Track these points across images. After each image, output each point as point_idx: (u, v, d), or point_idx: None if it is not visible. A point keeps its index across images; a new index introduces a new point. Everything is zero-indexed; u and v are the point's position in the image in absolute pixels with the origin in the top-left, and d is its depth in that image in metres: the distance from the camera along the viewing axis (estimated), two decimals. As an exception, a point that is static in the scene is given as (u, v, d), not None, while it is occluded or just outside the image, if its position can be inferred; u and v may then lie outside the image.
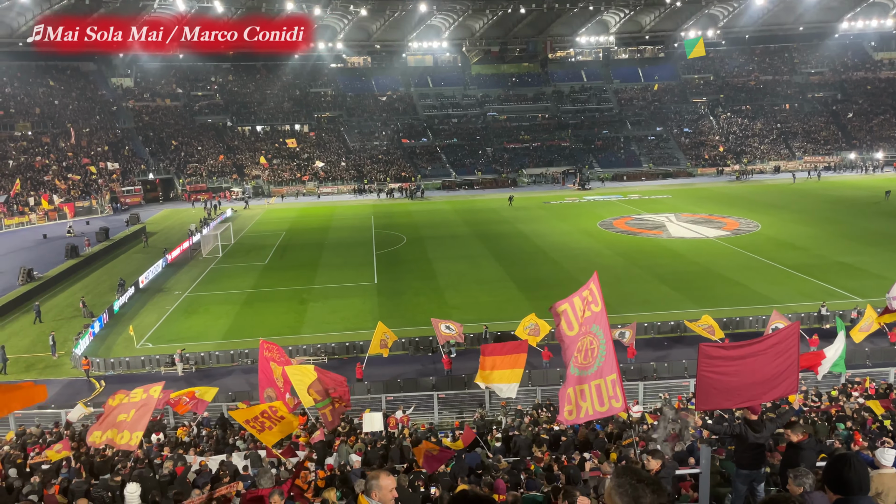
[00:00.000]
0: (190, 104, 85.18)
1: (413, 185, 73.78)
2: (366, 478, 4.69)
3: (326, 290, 35.60)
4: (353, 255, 43.56)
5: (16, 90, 75.99)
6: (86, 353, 26.96)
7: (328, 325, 30.17)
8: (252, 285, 37.23)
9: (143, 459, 14.54)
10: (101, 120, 77.61)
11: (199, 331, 30.31)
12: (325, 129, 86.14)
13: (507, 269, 37.98)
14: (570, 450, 15.05)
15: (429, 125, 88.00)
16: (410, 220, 56.00)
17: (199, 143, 79.64)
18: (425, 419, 21.13)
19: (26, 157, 67.04)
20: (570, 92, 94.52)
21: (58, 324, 31.53)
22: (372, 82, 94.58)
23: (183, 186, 73.55)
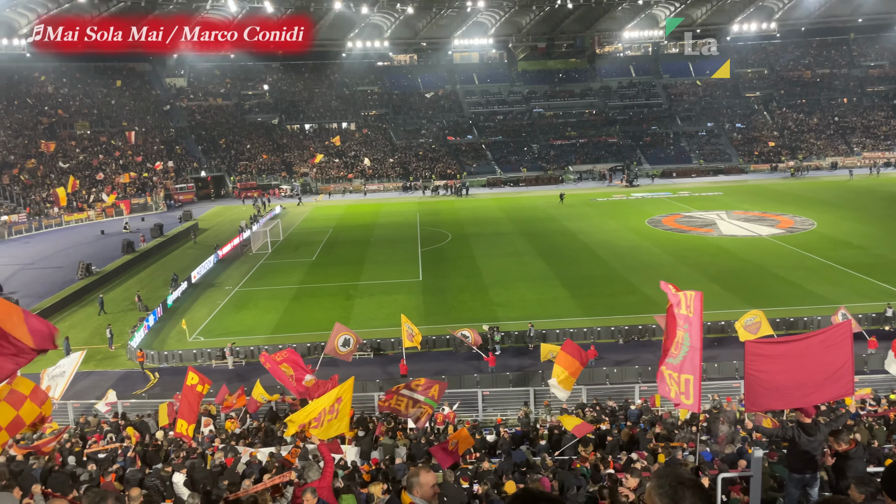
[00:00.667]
0: (241, 103, 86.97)
1: (458, 183, 73.84)
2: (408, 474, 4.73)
3: (372, 287, 35.94)
4: (398, 251, 43.85)
5: (76, 91, 78.78)
6: (141, 346, 27.82)
7: (374, 320, 30.46)
8: (300, 281, 37.83)
9: (196, 450, 14.95)
10: (155, 119, 79.88)
11: (249, 325, 30.96)
12: (372, 126, 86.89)
13: (553, 267, 37.70)
14: (616, 450, 14.89)
15: (474, 122, 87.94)
16: (455, 218, 56.07)
17: (249, 142, 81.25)
18: (469, 416, 21.17)
19: (85, 156, 69.43)
20: (617, 87, 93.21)
21: (114, 317, 32.60)
22: (418, 80, 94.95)
23: (234, 184, 75.16)
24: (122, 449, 15.27)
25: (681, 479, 2.61)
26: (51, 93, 77.04)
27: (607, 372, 23.89)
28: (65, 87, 78.53)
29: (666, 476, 2.64)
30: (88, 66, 79.83)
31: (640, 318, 28.03)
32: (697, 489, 2.60)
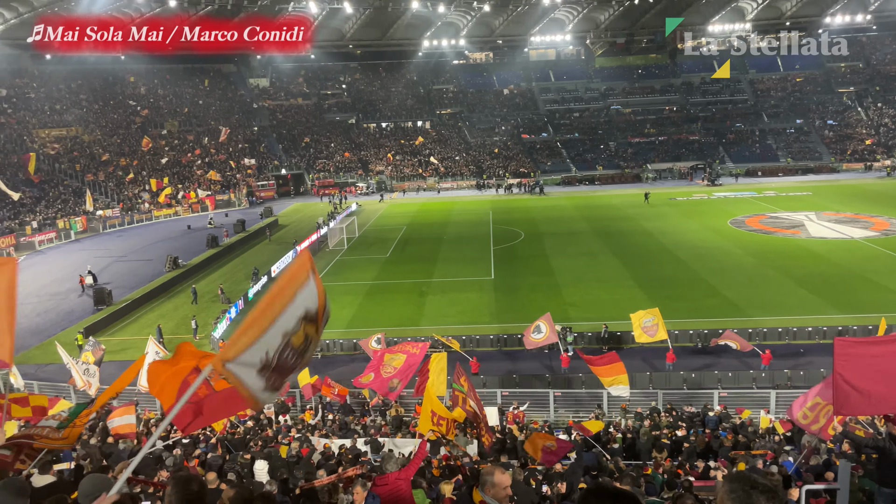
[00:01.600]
0: (320, 103, 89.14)
1: (532, 181, 73.29)
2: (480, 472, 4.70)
3: (444, 284, 36.12)
4: (470, 249, 43.91)
5: (166, 91, 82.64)
6: (223, 337, 28.90)
7: (446, 317, 30.61)
8: (374, 277, 38.42)
9: (273, 439, 15.41)
10: (239, 118, 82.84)
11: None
12: (446, 125, 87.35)
13: (629, 268, 36.89)
14: (693, 457, 14.44)
15: (549, 120, 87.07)
16: (529, 216, 55.67)
17: (327, 140, 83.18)
18: (540, 417, 20.98)
19: (174, 154, 72.71)
20: (700, 83, 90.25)
21: (199, 308, 33.99)
22: (493, 78, 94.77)
23: (312, 181, 77.11)
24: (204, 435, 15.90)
25: (754, 483, 2.55)
26: (143, 94, 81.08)
27: (685, 377, 23.18)
28: (156, 88, 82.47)
29: (739, 480, 2.59)
30: (177, 67, 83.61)
31: (720, 322, 27.06)
32: (771, 495, 2.53)
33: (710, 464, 13.23)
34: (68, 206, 56.73)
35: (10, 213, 52.17)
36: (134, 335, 30.09)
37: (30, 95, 71.56)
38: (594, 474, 12.51)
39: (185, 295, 36.48)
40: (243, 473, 12.14)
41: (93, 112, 74.25)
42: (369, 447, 15.17)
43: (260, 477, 11.54)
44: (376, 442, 15.50)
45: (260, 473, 11.86)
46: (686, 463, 13.77)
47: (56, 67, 74.41)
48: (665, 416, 18.82)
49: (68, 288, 38.68)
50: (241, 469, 12.18)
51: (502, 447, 15.49)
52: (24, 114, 68.38)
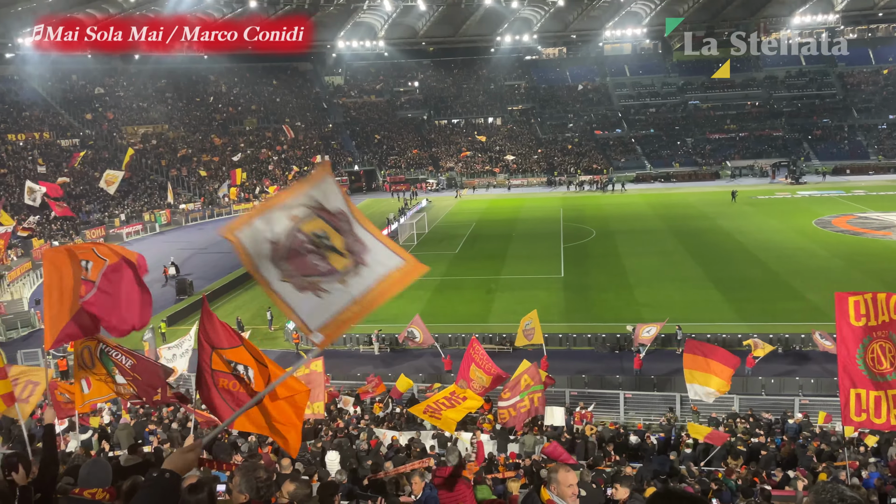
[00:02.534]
0: (393, 100, 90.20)
1: (605, 178, 72.03)
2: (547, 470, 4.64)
3: (513, 282, 35.93)
4: (540, 247, 43.51)
5: (245, 89, 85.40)
6: (296, 329, 29.66)
7: (514, 315, 30.37)
8: (443, 273, 38.58)
9: (343, 430, 15.71)
10: (314, 115, 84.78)
11: (395, 313, 31.97)
12: (518, 121, 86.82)
13: (706, 268, 35.75)
14: (771, 465, 13.87)
15: (624, 115, 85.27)
16: (600, 214, 54.72)
17: (399, 137, 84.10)
18: (611, 418, 20.61)
19: (252, 150, 75.07)
20: (784, 77, 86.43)
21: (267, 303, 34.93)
22: (566, 73, 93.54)
23: (384, 177, 78.14)
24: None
25: (842, 496, 2.44)
26: (223, 91, 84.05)
27: (763, 382, 22.30)
28: (236, 87, 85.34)
29: (826, 492, 2.48)
30: (256, 66, 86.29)
31: (803, 325, 25.87)
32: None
33: (789, 473, 12.67)
34: (153, 200, 59.40)
35: (100, 206, 55.05)
36: (212, 324, 31.23)
37: (119, 94, 75.31)
38: (664, 478, 12.19)
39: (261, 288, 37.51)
40: (314, 462, 12.42)
41: (177, 109, 77.52)
42: (436, 441, 15.26)
43: (331, 467, 11.77)
44: (443, 436, 15.57)
45: (331, 463, 12.10)
46: (763, 471, 13.25)
47: (143, 67, 78.01)
48: (742, 423, 18.15)
49: (153, 278, 40.53)
50: (312, 458, 12.46)
51: (571, 447, 15.29)
52: (115, 111, 72.01)
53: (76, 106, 69.40)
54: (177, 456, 2.76)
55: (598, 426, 18.03)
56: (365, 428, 16.14)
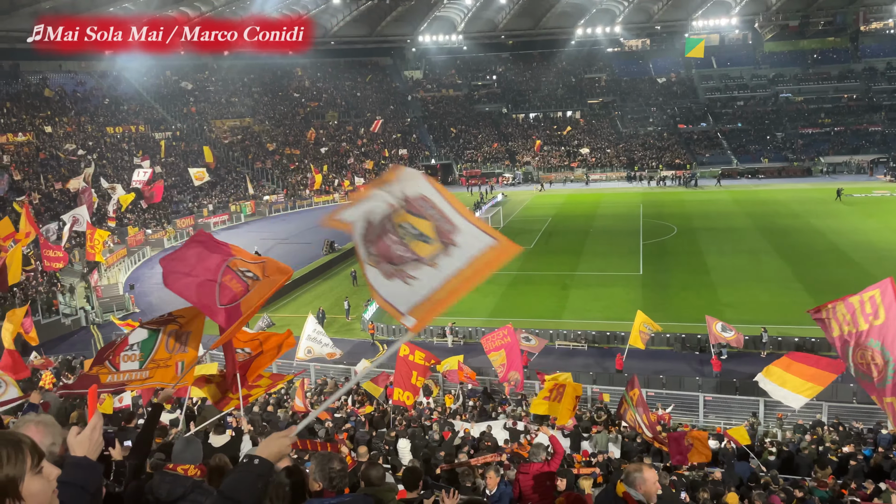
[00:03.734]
0: (471, 93, 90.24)
1: (688, 173, 69.82)
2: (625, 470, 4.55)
3: (589, 278, 35.38)
4: (618, 243, 42.64)
5: (327, 84, 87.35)
6: (372, 319, 30.18)
7: (589, 312, 29.99)
8: (517, 268, 38.37)
9: (416, 419, 15.90)
10: (394, 110, 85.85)
11: (469, 307, 32.11)
12: (597, 114, 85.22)
13: (794, 268, 34.15)
14: (861, 476, 13.13)
15: (710, 109, 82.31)
16: (682, 210, 53.11)
17: (476, 131, 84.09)
18: (689, 421, 20.01)
19: (332, 143, 76.77)
20: (886, 69, 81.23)
21: (351, 290, 35.66)
22: (649, 65, 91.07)
23: (460, 171, 78.35)
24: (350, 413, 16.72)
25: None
26: (307, 86, 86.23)
27: (854, 389, 21.10)
28: (319, 82, 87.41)
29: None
30: (339, 61, 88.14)
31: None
32: None
33: (881, 485, 11.96)
34: (239, 192, 61.64)
35: (190, 197, 57.58)
36: (293, 313, 32.13)
37: (209, 89, 78.46)
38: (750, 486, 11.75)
39: (340, 277, 38.48)
40: (387, 451, 12.63)
41: (262, 104, 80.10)
42: (508, 435, 15.22)
43: (403, 455, 11.94)
44: (515, 431, 15.52)
45: (403, 452, 12.27)
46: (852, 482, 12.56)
47: (232, 62, 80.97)
48: (831, 432, 17.26)
49: (237, 266, 42.06)
50: (386, 447, 12.67)
51: (646, 448, 14.96)
52: (204, 105, 75.08)
53: (169, 100, 72.77)
54: (269, 442, 2.82)
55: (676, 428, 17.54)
56: (438, 419, 16.28)
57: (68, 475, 2.32)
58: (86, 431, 2.64)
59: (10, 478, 1.95)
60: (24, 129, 56.41)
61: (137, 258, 44.12)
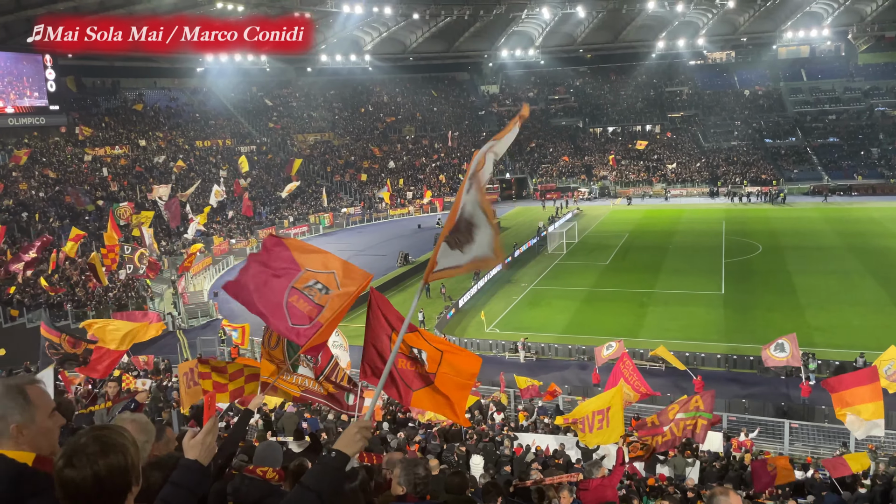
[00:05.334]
0: (547, 107, 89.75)
1: (774, 190, 67.08)
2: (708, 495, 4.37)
3: (667, 296, 34.41)
4: (698, 261, 41.32)
5: (405, 99, 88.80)
6: (445, 332, 30.31)
7: (667, 332, 29.13)
8: (593, 284, 37.78)
9: (487, 434, 15.81)
10: (469, 124, 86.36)
11: (542, 322, 31.82)
12: (678, 129, 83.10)
13: (891, 291, 32.18)
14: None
15: (798, 123, 78.92)
16: (768, 228, 51.02)
17: (551, 145, 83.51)
18: (773, 448, 19.09)
19: (408, 157, 77.85)
20: None
21: (424, 303, 35.89)
22: (734, 78, 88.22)
23: (535, 186, 77.89)
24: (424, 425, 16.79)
25: None
26: (386, 101, 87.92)
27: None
28: (398, 97, 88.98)
29: None
30: (417, 77, 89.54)
31: None
32: None
33: None
34: (318, 204, 63.30)
35: (272, 209, 59.55)
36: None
37: (292, 104, 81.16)
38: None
39: (414, 289, 38.81)
40: (458, 464, 12.59)
41: (342, 118, 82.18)
42: (580, 453, 14.92)
43: (475, 470, 11.87)
44: (588, 450, 15.19)
45: (475, 467, 12.20)
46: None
47: (314, 79, 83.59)
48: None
49: (315, 276, 43.05)
50: (456, 460, 12.64)
51: (724, 473, 14.36)
52: (287, 120, 77.68)
53: (254, 115, 75.68)
54: (347, 435, 2.89)
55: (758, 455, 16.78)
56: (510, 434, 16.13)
57: (179, 477, 2.43)
58: (199, 436, 2.70)
59: (134, 465, 2.11)
60: (121, 142, 59.88)
61: (221, 266, 45.91)
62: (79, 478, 2.01)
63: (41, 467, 2.38)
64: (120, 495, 2.08)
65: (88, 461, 2.02)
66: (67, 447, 2.07)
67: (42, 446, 2.43)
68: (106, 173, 52.61)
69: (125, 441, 2.12)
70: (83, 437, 2.10)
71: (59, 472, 2.05)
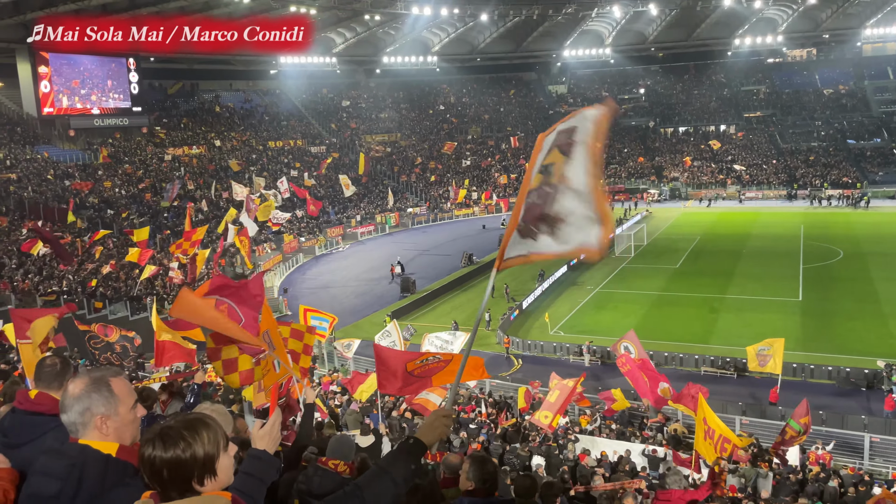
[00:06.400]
0: (616, 107, 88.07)
1: (857, 193, 63.95)
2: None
3: (740, 302, 33.30)
4: (774, 266, 39.81)
5: (472, 100, 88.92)
6: (508, 333, 30.21)
7: (740, 339, 28.14)
8: (661, 288, 36.92)
9: (551, 438, 15.67)
10: (536, 124, 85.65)
11: (607, 326, 31.29)
12: (754, 129, 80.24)
13: None
14: None
15: (884, 123, 74.93)
16: (850, 233, 48.69)
17: (621, 145, 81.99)
18: (852, 463, 18.22)
19: (474, 158, 77.91)
20: None
21: (492, 302, 35.84)
22: (815, 76, 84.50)
23: (602, 187, 76.53)
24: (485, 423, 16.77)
25: None
26: (452, 102, 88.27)
27: None
28: (464, 97, 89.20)
29: None
30: (484, 77, 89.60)
31: None
32: None
33: None
34: (385, 204, 64.12)
35: (340, 208, 60.68)
36: (431, 322, 32.87)
37: (361, 105, 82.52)
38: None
39: (477, 289, 38.88)
40: (519, 467, 12.55)
41: (409, 119, 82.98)
42: (646, 461, 14.62)
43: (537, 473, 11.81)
44: (654, 458, 14.87)
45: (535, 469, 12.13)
46: None
47: (383, 80, 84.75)
48: None
49: (381, 275, 43.71)
50: (518, 462, 12.60)
51: (801, 488, 13.81)
52: (357, 121, 79.01)
53: (325, 116, 77.31)
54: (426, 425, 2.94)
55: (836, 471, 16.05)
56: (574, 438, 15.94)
57: (249, 467, 2.53)
58: (267, 426, 2.76)
59: (209, 455, 2.18)
60: (198, 142, 62.25)
61: (291, 264, 47.10)
62: (163, 460, 2.12)
63: (124, 457, 2.52)
64: (201, 480, 2.17)
65: (174, 445, 2.13)
66: (156, 430, 2.18)
67: (125, 437, 2.57)
68: (184, 172, 54.77)
69: (208, 429, 2.21)
70: (172, 421, 2.21)
71: (145, 454, 2.15)
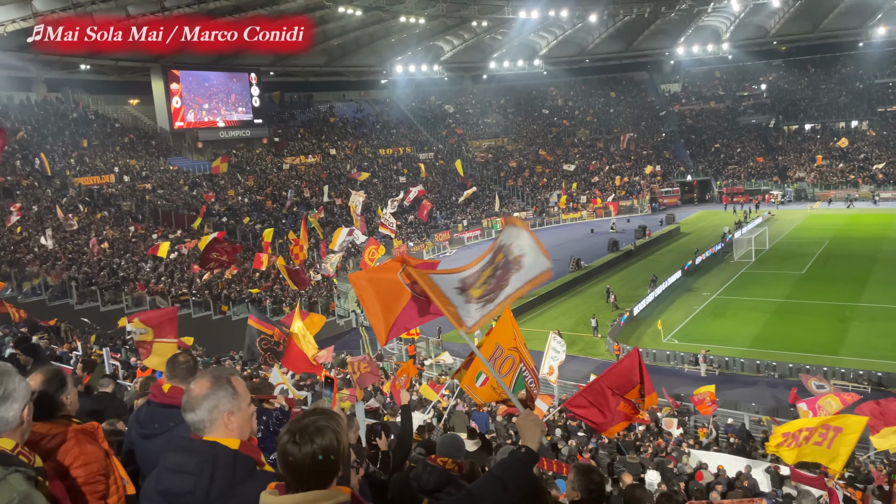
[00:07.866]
0: (734, 105, 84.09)
1: None
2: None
3: (875, 311, 30.81)
4: (915, 272, 36.59)
5: (579, 101, 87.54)
6: (618, 340, 29.45)
7: (874, 350, 26.09)
8: (785, 295, 34.80)
9: (663, 450, 15.14)
10: (646, 125, 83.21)
11: (725, 334, 29.87)
12: (890, 124, 74.06)
13: None
14: None
15: None
16: None
17: (739, 145, 78.05)
18: None
19: (582, 161, 76.62)
20: None
21: (597, 309, 35.12)
22: (962, 65, 77.03)
23: (719, 188, 73.28)
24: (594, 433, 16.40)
25: None
26: (560, 105, 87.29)
27: None
28: (571, 100, 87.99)
29: None
30: (592, 78, 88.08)
31: None
32: None
33: None
34: (491, 208, 64.32)
35: (447, 213, 61.43)
36: (538, 328, 32.58)
37: (468, 111, 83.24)
38: None
39: (585, 295, 38.19)
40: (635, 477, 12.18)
41: (516, 123, 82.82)
42: (769, 479, 13.78)
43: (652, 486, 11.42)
44: (779, 476, 13.98)
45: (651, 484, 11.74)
46: None
47: (488, 86, 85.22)
48: None
49: (487, 279, 43.72)
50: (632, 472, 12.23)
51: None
52: (463, 127, 79.79)
53: (432, 123, 78.59)
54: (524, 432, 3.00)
55: None
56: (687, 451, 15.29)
57: None
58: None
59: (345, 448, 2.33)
60: (314, 151, 65.04)
61: (400, 268, 48.01)
62: (299, 454, 2.25)
63: (246, 451, 2.69)
64: (329, 475, 2.29)
65: (309, 440, 2.26)
66: (292, 425, 2.32)
67: (245, 432, 2.74)
68: (299, 181, 57.33)
69: (338, 426, 2.33)
70: (305, 417, 2.34)
71: (283, 447, 2.29)
